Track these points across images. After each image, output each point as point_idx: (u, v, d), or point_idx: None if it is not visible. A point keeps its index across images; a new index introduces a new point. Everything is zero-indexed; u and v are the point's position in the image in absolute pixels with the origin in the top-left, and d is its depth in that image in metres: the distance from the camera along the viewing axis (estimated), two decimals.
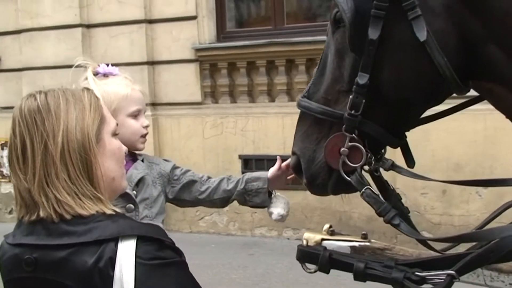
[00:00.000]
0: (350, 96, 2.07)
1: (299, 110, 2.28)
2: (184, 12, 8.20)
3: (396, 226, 2.08)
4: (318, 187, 2.27)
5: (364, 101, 2.05)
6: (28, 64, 8.86)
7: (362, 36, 2.00)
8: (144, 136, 2.66)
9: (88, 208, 1.64)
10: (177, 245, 1.69)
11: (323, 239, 2.24)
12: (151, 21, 8.39)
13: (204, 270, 6.77)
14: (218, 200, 2.81)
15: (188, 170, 2.81)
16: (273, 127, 7.65)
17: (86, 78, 2.56)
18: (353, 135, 2.12)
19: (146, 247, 1.59)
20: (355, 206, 6.90)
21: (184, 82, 8.30)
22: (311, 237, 2.25)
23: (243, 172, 7.65)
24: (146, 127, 2.66)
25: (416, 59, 2.00)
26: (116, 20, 8.47)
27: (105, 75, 2.61)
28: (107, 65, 2.65)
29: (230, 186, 2.79)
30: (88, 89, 1.82)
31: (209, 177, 2.83)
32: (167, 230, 1.79)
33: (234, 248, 7.62)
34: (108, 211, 1.67)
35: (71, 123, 1.67)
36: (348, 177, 2.15)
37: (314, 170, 2.24)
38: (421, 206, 7.02)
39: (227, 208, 8.66)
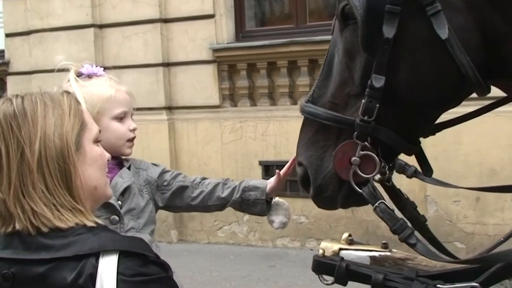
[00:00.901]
0: (363, 100, 2.00)
1: None
2: (201, 10, 8.23)
3: (412, 246, 2.02)
4: (327, 200, 2.18)
5: (377, 105, 1.98)
6: (38, 67, 8.93)
7: (376, 35, 1.94)
8: (131, 140, 2.64)
9: (67, 220, 1.62)
10: (194, 256, 1.67)
11: (341, 249, 2.24)
12: (166, 21, 8.44)
13: (222, 283, 6.79)
14: (213, 207, 2.79)
15: (178, 174, 2.78)
16: (295, 131, 7.55)
17: (69, 80, 2.55)
18: (366, 143, 2.04)
19: (128, 262, 1.58)
20: None
21: (201, 85, 8.34)
22: (328, 246, 2.24)
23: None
24: (133, 130, 2.63)
25: (435, 59, 1.95)
26: (130, 19, 8.53)
27: (89, 76, 2.60)
28: (91, 65, 2.64)
29: (225, 194, 2.74)
30: (68, 92, 1.80)
31: (203, 179, 2.78)
32: (183, 241, 1.78)
33: (254, 259, 7.61)
34: (89, 223, 1.65)
35: (49, 129, 1.65)
36: (360, 188, 2.07)
37: (322, 181, 2.15)
38: (453, 214, 6.98)
39: (247, 217, 8.65)
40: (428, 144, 2.28)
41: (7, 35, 9.42)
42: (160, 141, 8.33)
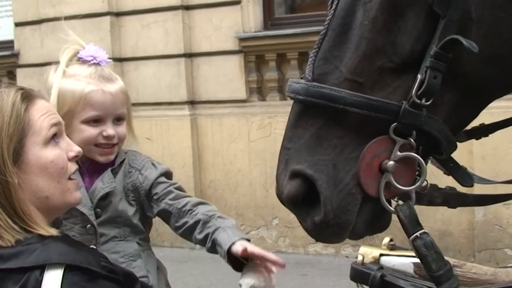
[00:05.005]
0: (419, 76, 1.60)
1: None
2: None
3: None
4: (340, 229, 1.69)
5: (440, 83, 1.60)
6: (50, 58, 8.82)
7: None
8: (102, 146, 2.45)
9: (6, 240, 1.62)
10: (218, 264, 1.62)
11: (381, 255, 2.21)
12: (188, 7, 8.47)
13: None
14: (194, 241, 2.53)
15: (170, 192, 2.50)
16: None
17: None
18: (410, 139, 1.63)
19: (74, 277, 1.58)
20: (425, 219, 6.76)
21: (227, 77, 8.35)
22: (368, 252, 2.22)
23: None
24: (107, 137, 2.43)
25: None
26: (149, 7, 8.56)
27: (84, 62, 2.49)
28: (93, 49, 2.53)
29: (201, 236, 2.47)
30: (20, 89, 1.76)
31: (196, 205, 2.49)
32: (199, 248, 1.66)
33: (284, 267, 7.58)
34: (46, 233, 1.65)
35: None
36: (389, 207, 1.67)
37: (338, 199, 1.64)
38: (503, 218, 6.91)
39: (276, 221, 8.62)
40: (476, 142, 2.16)
41: (17, 24, 9.50)
42: (182, 138, 8.34)
